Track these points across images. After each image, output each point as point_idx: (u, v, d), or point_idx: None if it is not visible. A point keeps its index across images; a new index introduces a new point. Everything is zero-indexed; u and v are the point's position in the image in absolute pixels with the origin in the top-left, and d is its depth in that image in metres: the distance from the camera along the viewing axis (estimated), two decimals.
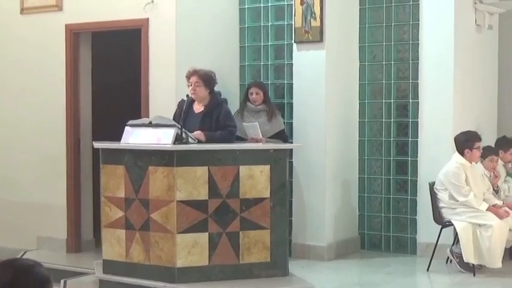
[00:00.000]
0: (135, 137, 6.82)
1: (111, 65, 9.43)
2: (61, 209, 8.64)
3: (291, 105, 8.49)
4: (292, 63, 8.45)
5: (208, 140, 6.94)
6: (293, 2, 8.27)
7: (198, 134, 6.93)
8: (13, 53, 9.02)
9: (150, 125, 6.81)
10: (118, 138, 6.92)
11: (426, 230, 8.21)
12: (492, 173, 8.14)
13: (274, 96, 8.58)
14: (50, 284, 2.68)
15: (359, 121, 8.71)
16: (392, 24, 8.52)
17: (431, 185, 7.84)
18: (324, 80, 8.19)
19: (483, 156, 8.02)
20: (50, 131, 8.71)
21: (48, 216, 8.75)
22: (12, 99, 9.04)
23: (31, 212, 8.87)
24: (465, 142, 7.69)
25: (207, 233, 6.55)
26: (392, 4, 8.50)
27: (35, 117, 8.86)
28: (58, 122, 8.63)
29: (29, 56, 8.88)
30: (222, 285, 6.47)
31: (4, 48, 9.10)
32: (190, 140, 6.73)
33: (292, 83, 8.45)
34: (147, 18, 8.08)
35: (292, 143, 8.18)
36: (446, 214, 7.70)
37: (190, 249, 6.51)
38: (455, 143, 7.78)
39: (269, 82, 8.66)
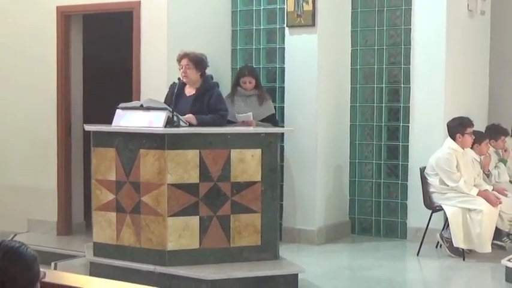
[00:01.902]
0: (126, 120, 6.80)
1: (102, 47, 9.40)
2: (51, 192, 8.63)
3: (282, 89, 8.49)
4: (284, 48, 8.44)
5: (200, 124, 6.92)
6: None
7: (189, 117, 6.91)
8: (3, 35, 8.96)
9: (141, 108, 6.79)
10: (109, 121, 6.90)
11: (416, 215, 8.24)
12: (484, 156, 8.16)
13: (265, 80, 8.57)
14: (37, 262, 2.71)
15: (350, 106, 8.72)
16: (385, 9, 8.51)
17: (422, 170, 7.86)
18: (315, 65, 8.18)
19: (478, 141, 8.03)
20: (41, 113, 8.68)
21: (39, 199, 8.74)
22: (3, 82, 8.99)
23: (21, 194, 8.85)
24: (457, 127, 7.71)
25: (198, 217, 6.55)
26: None
27: (25, 100, 8.82)
28: (49, 105, 8.60)
29: (19, 38, 8.83)
30: (213, 268, 6.48)
31: None
32: (181, 123, 6.72)
33: (284, 67, 8.45)
34: (139, 1, 8.04)
35: (283, 127, 8.18)
36: (437, 199, 7.72)
37: (181, 233, 6.51)
38: (447, 128, 7.80)
39: (261, 66, 8.65)
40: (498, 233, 7.78)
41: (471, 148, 7.99)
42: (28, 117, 8.81)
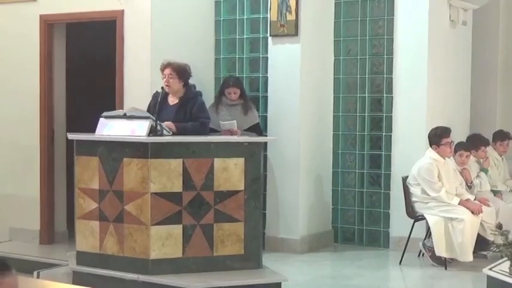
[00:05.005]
0: (109, 128, 6.79)
1: (86, 56, 9.39)
2: (34, 200, 8.60)
3: (265, 98, 8.51)
4: (267, 57, 8.47)
5: (180, 131, 6.93)
6: None
7: (168, 124, 6.89)
8: None
9: (124, 116, 6.79)
10: (92, 129, 6.90)
11: (399, 224, 8.27)
12: (463, 169, 8.20)
13: (249, 90, 8.59)
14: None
15: (333, 115, 8.75)
16: (368, 18, 8.56)
17: (404, 179, 7.90)
18: (298, 74, 8.21)
19: (454, 151, 8.10)
20: (24, 121, 8.66)
21: (21, 207, 8.70)
22: None
23: (3, 203, 8.81)
24: (433, 137, 7.78)
25: (181, 225, 6.55)
26: None
27: (8, 107, 8.80)
28: (32, 113, 8.58)
29: (2, 46, 8.81)
30: (196, 277, 6.47)
31: None
32: (164, 132, 6.72)
33: (267, 77, 8.47)
34: (122, 10, 8.05)
35: (266, 136, 8.20)
36: (419, 208, 7.76)
37: (164, 241, 6.51)
38: (428, 138, 7.86)
39: (244, 75, 8.67)
40: (485, 243, 7.80)
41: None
42: (11, 125, 8.78)
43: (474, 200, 7.89)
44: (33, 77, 8.57)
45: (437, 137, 7.74)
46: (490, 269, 6.51)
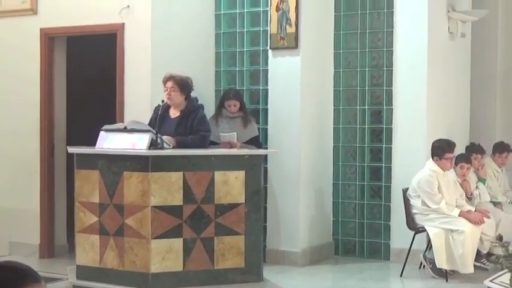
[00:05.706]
0: (109, 142, 6.80)
1: (86, 69, 9.41)
2: (34, 214, 8.58)
3: (266, 111, 8.51)
4: (267, 69, 8.47)
5: (179, 145, 6.93)
6: (269, 8, 8.30)
7: (167, 138, 6.90)
8: None
9: (125, 130, 6.80)
10: (93, 143, 6.90)
11: (400, 236, 8.26)
12: (463, 181, 8.19)
13: (249, 102, 8.60)
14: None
15: (333, 127, 8.75)
16: (367, 31, 8.57)
17: (405, 191, 7.89)
18: (299, 86, 8.22)
19: (455, 163, 8.09)
20: (24, 135, 8.65)
21: (21, 221, 8.68)
22: None
23: (3, 217, 8.79)
24: (436, 149, 7.76)
25: (182, 239, 6.55)
26: (367, 11, 8.55)
27: (8, 120, 8.79)
28: (32, 126, 8.58)
29: (3, 59, 8.81)
30: None
31: None
32: (165, 145, 6.73)
33: (268, 89, 8.47)
34: (123, 23, 8.06)
35: (266, 148, 8.20)
36: (419, 220, 7.75)
37: (165, 255, 6.51)
38: (431, 148, 7.85)
39: (244, 88, 8.67)
40: (477, 255, 7.80)
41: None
42: (11, 138, 8.78)
43: (474, 211, 7.88)
44: (33, 90, 8.57)
45: (441, 150, 7.72)
46: (491, 281, 6.49)
